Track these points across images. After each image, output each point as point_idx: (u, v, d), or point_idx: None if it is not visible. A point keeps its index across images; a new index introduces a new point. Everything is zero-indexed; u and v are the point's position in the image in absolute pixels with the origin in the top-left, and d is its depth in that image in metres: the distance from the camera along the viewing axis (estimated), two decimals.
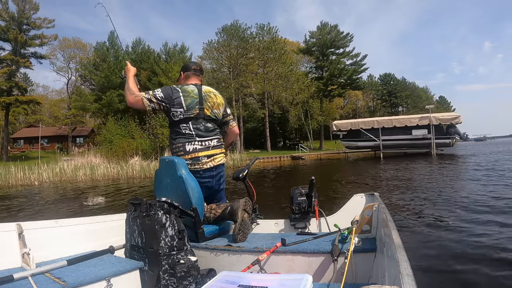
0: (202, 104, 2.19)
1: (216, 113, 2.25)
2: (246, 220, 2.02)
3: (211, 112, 2.22)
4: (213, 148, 2.21)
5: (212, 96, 2.25)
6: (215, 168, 2.21)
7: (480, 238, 3.19)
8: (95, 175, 15.95)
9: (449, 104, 78.29)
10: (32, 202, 8.73)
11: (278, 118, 46.05)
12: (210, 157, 2.19)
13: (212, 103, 2.23)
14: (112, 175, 16.03)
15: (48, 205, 7.98)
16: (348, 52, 43.14)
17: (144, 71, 34.17)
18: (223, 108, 2.31)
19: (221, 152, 2.27)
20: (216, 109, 2.25)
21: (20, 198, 10.14)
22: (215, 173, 2.22)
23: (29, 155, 34.34)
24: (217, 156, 2.22)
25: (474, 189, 6.29)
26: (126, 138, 27.48)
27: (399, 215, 4.50)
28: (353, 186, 8.54)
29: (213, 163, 2.20)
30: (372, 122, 23.65)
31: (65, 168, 17.04)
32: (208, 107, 2.21)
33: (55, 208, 7.44)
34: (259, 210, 2.52)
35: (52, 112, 49.81)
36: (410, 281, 0.74)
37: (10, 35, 31.94)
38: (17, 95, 34.23)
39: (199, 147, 2.17)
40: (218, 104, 2.26)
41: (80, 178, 15.56)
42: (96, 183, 13.93)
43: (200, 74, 2.38)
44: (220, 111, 2.28)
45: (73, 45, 43.67)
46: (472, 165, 11.90)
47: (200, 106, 2.18)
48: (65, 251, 1.87)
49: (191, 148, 2.16)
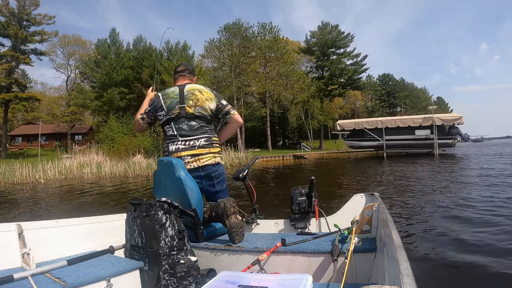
0: (183, 102, 2.15)
1: (201, 110, 2.16)
2: (236, 222, 1.92)
3: (195, 109, 2.15)
4: (199, 147, 2.14)
5: (196, 93, 2.18)
6: (202, 169, 2.13)
7: (481, 238, 3.17)
8: (102, 173, 15.87)
9: (446, 105, 78.85)
10: (61, 205, 7.91)
11: (278, 117, 46.09)
12: (194, 157, 2.13)
13: (196, 100, 2.16)
14: (119, 173, 15.95)
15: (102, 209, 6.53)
16: (349, 52, 43.28)
17: (146, 69, 33.98)
18: (213, 103, 2.21)
19: (209, 152, 2.16)
20: (202, 105, 2.16)
21: (37, 199, 10.04)
22: (203, 173, 2.14)
23: (28, 153, 34.00)
24: (203, 156, 2.14)
25: (476, 189, 6.24)
26: (128, 136, 27.34)
27: (399, 215, 4.48)
28: (357, 185, 8.50)
29: (198, 163, 2.12)
30: (376, 122, 23.78)
31: (69, 166, 16.94)
32: (191, 105, 2.15)
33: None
34: (259, 210, 2.52)
35: (51, 110, 49.36)
36: (410, 281, 0.74)
37: (10, 31, 31.57)
38: (16, 92, 33.87)
39: (182, 146, 2.14)
40: (203, 100, 2.17)
41: (87, 176, 15.47)
42: (113, 182, 13.85)
43: (187, 74, 2.33)
44: (207, 107, 2.18)
45: (73, 42, 43.23)
46: (474, 165, 11.92)
47: (180, 105, 2.15)
48: (65, 251, 1.87)
49: (174, 148, 2.16)
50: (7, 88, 33.27)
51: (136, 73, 35.21)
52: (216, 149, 2.22)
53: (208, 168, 2.15)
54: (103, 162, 19.96)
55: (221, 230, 2.17)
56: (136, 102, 36.45)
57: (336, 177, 11.13)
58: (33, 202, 8.49)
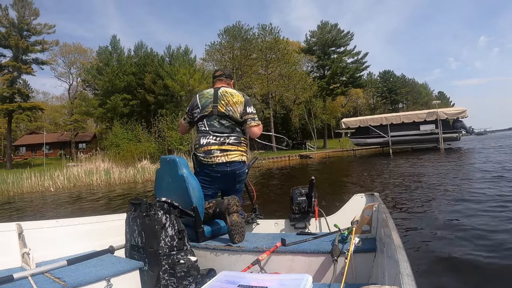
0: (216, 102, 2.30)
1: (231, 110, 2.29)
2: (237, 221, 1.95)
3: (226, 109, 2.28)
4: (228, 144, 2.24)
5: (228, 96, 2.32)
6: (229, 164, 2.22)
7: (482, 238, 3.13)
8: (111, 179, 15.88)
9: (448, 99, 78.80)
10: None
11: (281, 118, 46.08)
12: (223, 152, 2.21)
13: (227, 101, 2.30)
14: (127, 178, 15.96)
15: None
16: (349, 51, 43.34)
17: (149, 74, 34.08)
18: (241, 106, 2.33)
19: (237, 150, 2.27)
20: (232, 106, 2.29)
21: (56, 204, 10.03)
22: (229, 169, 2.22)
23: (32, 162, 34.05)
24: (231, 153, 2.23)
25: (481, 186, 5.96)
26: (133, 142, 27.38)
27: (402, 211, 4.38)
28: (365, 184, 8.29)
29: (226, 158, 2.21)
30: (381, 119, 23.77)
31: (78, 174, 16.96)
32: (223, 104, 2.29)
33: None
34: (259, 210, 2.53)
35: (53, 119, 49.50)
36: (410, 281, 0.74)
37: (11, 41, 31.71)
38: (19, 102, 33.99)
39: (213, 141, 2.24)
40: (234, 102, 2.31)
41: (97, 183, 15.48)
42: (127, 186, 13.87)
43: (224, 78, 2.49)
44: (236, 109, 2.30)
45: (74, 50, 43.45)
46: (481, 160, 11.51)
47: (213, 104, 2.30)
48: (65, 251, 1.87)
49: (205, 141, 2.25)
50: (10, 99, 33.43)
51: (139, 79, 35.30)
52: (244, 148, 2.32)
53: (235, 164, 2.25)
54: (110, 168, 19.96)
55: (225, 229, 2.16)
56: (140, 108, 36.56)
57: (344, 176, 11.04)
58: (54, 206, 8.53)
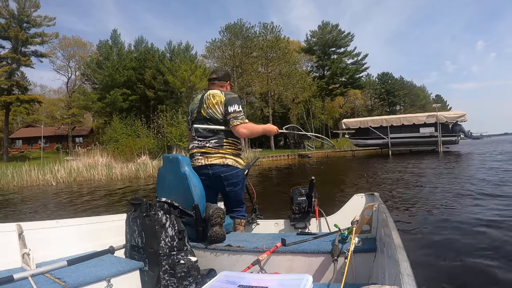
0: (200, 107, 2.32)
1: (211, 113, 2.26)
2: (217, 233, 1.92)
3: (207, 112, 2.28)
4: (209, 147, 2.24)
5: (210, 98, 2.29)
6: (210, 167, 2.20)
7: (482, 238, 3.14)
8: (112, 174, 15.82)
9: (445, 103, 79.36)
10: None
11: (280, 117, 46.13)
12: (203, 155, 2.23)
13: (208, 104, 2.28)
14: (129, 174, 15.91)
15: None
16: (349, 52, 43.52)
17: (149, 70, 33.89)
18: (221, 107, 2.25)
19: (217, 152, 2.22)
20: (212, 108, 2.25)
21: (72, 199, 9.97)
22: (211, 171, 2.21)
23: (29, 156, 33.76)
24: (211, 155, 2.22)
25: (479, 188, 6.04)
26: (132, 137, 27.25)
27: (401, 212, 4.40)
28: (365, 184, 8.32)
29: (206, 161, 2.21)
30: (381, 121, 23.91)
31: (77, 168, 16.88)
32: (205, 108, 2.29)
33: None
34: (260, 210, 2.54)
35: (50, 112, 49.06)
36: (410, 281, 0.74)
37: (10, 33, 31.35)
38: (17, 94, 33.66)
39: (196, 145, 2.29)
40: (214, 103, 2.25)
41: (98, 178, 15.42)
42: (131, 182, 13.84)
43: (217, 81, 2.42)
44: (217, 110, 2.25)
45: (73, 43, 43.04)
46: (478, 162, 11.70)
47: (198, 110, 2.33)
48: (65, 251, 1.87)
49: (191, 145, 2.34)
50: (8, 91, 33.07)
51: (139, 74, 35.05)
52: (227, 150, 2.25)
53: (217, 167, 2.21)
54: (110, 163, 19.88)
55: (227, 227, 2.17)
56: (139, 104, 36.35)
57: (341, 176, 11.08)
58: (68, 201, 8.47)
